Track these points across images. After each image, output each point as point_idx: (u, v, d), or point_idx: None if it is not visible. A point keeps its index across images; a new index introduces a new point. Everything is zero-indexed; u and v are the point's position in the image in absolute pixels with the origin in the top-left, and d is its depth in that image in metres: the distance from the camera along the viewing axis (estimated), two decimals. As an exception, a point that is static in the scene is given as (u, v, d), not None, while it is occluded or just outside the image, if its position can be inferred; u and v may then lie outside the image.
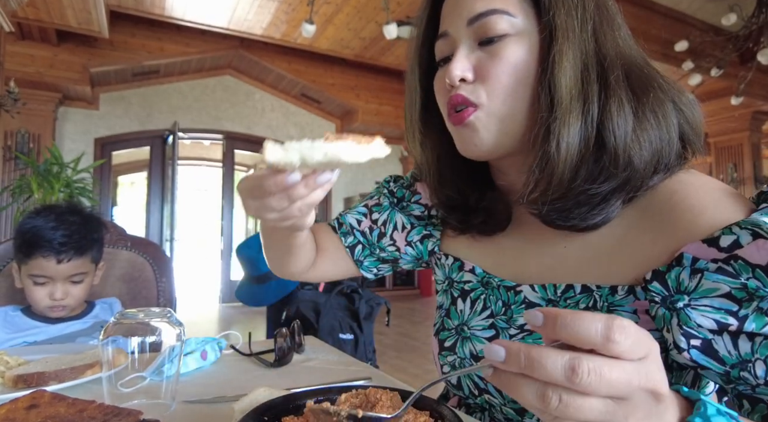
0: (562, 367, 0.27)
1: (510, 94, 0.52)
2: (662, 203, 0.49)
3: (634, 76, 0.50)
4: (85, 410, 0.47)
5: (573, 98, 0.49)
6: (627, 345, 0.27)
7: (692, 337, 0.42)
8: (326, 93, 6.35)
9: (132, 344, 0.57)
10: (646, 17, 4.87)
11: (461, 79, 0.53)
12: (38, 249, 0.99)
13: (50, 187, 3.77)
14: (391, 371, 3.25)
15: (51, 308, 1.03)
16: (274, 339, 0.79)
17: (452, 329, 0.63)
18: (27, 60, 4.70)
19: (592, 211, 0.50)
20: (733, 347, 0.40)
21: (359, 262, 0.75)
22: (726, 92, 5.81)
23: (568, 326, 0.28)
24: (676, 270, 0.43)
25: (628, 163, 0.48)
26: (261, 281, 2.13)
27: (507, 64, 0.51)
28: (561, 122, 0.48)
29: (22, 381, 0.63)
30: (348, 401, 0.43)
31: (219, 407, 0.57)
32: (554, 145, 0.49)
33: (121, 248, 1.28)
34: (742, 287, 0.40)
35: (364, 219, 0.75)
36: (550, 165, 0.49)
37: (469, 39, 0.54)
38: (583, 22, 0.50)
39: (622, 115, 0.48)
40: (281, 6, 4.56)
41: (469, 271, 0.64)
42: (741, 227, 0.41)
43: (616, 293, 0.49)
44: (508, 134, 0.53)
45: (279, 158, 0.41)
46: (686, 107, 0.52)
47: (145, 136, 5.89)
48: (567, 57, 0.49)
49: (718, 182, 0.49)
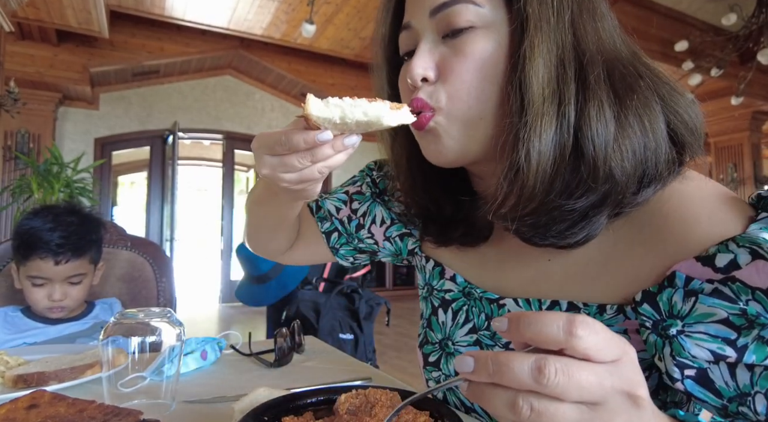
0: (529, 368, 0.26)
1: (475, 96, 0.46)
2: (652, 214, 0.44)
3: (618, 75, 0.44)
4: (85, 410, 0.47)
5: (546, 100, 0.43)
6: (592, 341, 0.26)
7: (686, 367, 0.38)
8: (326, 93, 6.30)
9: (132, 344, 0.57)
10: (646, 17, 4.87)
11: (423, 78, 0.48)
12: (36, 251, 0.98)
13: (50, 187, 3.77)
14: (391, 371, 3.25)
15: (50, 309, 1.02)
16: (274, 339, 0.79)
17: (436, 343, 0.61)
18: (27, 60, 4.70)
19: (572, 228, 0.44)
20: (730, 377, 0.37)
21: (335, 249, 0.72)
22: (726, 92, 5.81)
23: (531, 324, 0.27)
24: (668, 292, 0.40)
25: (608, 175, 0.42)
26: (261, 281, 2.13)
27: (472, 61, 0.46)
28: (531, 128, 0.42)
29: (22, 381, 0.63)
30: (348, 401, 0.43)
31: (219, 407, 0.57)
32: (523, 154, 0.43)
33: (121, 248, 1.28)
34: (741, 314, 0.36)
35: (343, 207, 0.71)
36: (519, 177, 0.44)
37: (432, 32, 0.48)
38: (559, 11, 0.44)
39: (603, 120, 0.42)
40: (281, 6, 4.56)
41: (449, 279, 0.61)
42: (738, 244, 0.37)
43: (604, 313, 0.46)
44: (475, 139, 0.48)
45: (321, 112, 0.41)
46: (682, 108, 0.46)
47: (145, 136, 5.89)
48: (540, 51, 0.43)
49: (712, 186, 0.44)
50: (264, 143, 0.44)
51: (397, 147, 0.59)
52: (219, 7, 4.60)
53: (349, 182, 0.74)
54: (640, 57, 0.47)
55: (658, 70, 0.47)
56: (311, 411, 0.45)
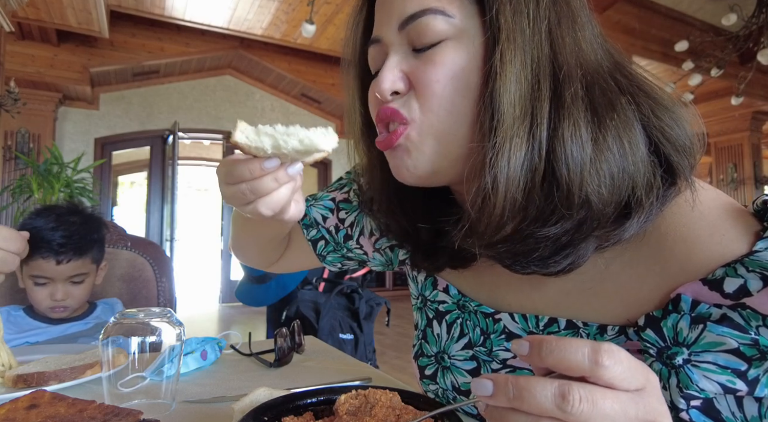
0: (552, 395, 0.25)
1: (447, 109, 0.43)
2: (650, 233, 0.41)
3: (598, 90, 0.41)
4: (85, 410, 0.47)
5: (516, 120, 0.39)
6: (618, 371, 0.25)
7: (692, 398, 0.37)
8: (326, 93, 6.35)
9: (132, 344, 0.57)
10: (647, 17, 4.87)
11: (393, 92, 0.45)
12: (37, 250, 0.98)
13: (50, 187, 3.77)
14: (391, 371, 3.25)
15: (52, 308, 1.02)
16: (274, 339, 0.79)
17: (432, 356, 0.59)
18: (27, 60, 4.70)
19: (554, 257, 0.41)
20: (737, 408, 0.36)
21: (321, 256, 0.69)
22: (726, 92, 5.81)
23: (555, 351, 0.26)
24: (674, 317, 0.38)
25: (584, 201, 0.39)
26: (261, 282, 2.13)
27: (443, 72, 0.42)
28: (500, 151, 0.39)
29: (22, 380, 0.63)
30: (348, 401, 0.43)
31: (219, 407, 0.57)
32: (490, 179, 0.39)
33: (122, 248, 1.28)
34: (753, 344, 0.34)
35: (330, 215, 0.67)
36: (487, 204, 0.40)
37: (402, 45, 0.46)
38: (535, 20, 0.41)
39: (578, 141, 0.39)
40: (281, 6, 4.56)
41: (443, 290, 0.58)
42: (748, 269, 0.35)
43: (605, 333, 0.44)
44: (446, 156, 0.45)
45: (249, 141, 0.38)
46: (668, 125, 0.41)
47: (145, 136, 5.89)
48: (512, 65, 0.40)
49: (713, 200, 0.41)
50: (220, 170, 0.43)
51: (373, 173, 0.55)
52: (219, 7, 4.60)
53: (336, 185, 0.70)
54: (623, 67, 0.44)
55: (644, 83, 0.43)
56: (311, 411, 0.45)
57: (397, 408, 0.42)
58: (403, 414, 0.41)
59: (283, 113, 6.75)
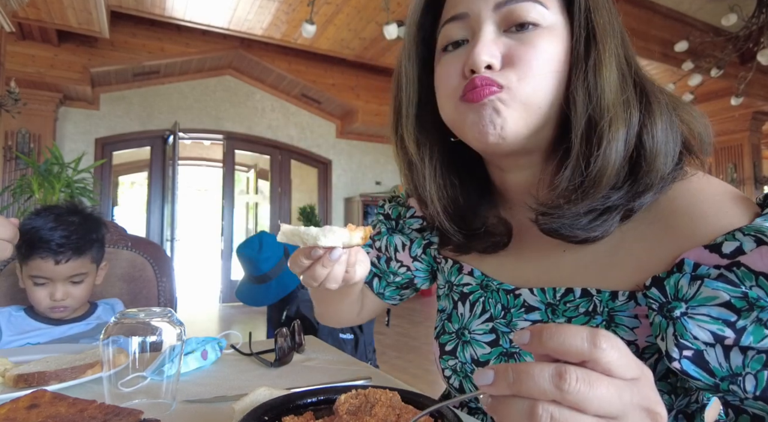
0: (549, 374, 0.26)
1: (542, 84, 0.47)
2: (662, 208, 0.47)
3: (649, 86, 0.49)
4: (85, 410, 0.47)
5: (618, 105, 0.47)
6: (614, 356, 0.26)
7: (685, 348, 0.41)
8: (326, 93, 6.35)
9: (133, 343, 0.57)
10: (647, 18, 4.87)
11: (487, 65, 0.47)
12: (36, 250, 0.98)
13: (51, 187, 3.77)
14: (391, 371, 3.25)
15: (52, 308, 1.02)
16: (275, 339, 0.79)
17: (453, 333, 0.62)
18: (28, 60, 4.70)
19: (595, 222, 0.48)
20: (724, 359, 0.39)
21: (381, 295, 0.75)
22: (726, 93, 5.81)
23: (554, 336, 0.27)
24: (676, 276, 0.43)
25: (654, 172, 0.47)
26: (261, 281, 2.13)
27: (541, 53, 0.47)
28: (612, 128, 0.46)
29: (22, 380, 0.63)
30: (348, 401, 0.43)
31: (219, 406, 0.58)
32: (602, 152, 0.46)
33: (122, 248, 1.28)
34: (743, 297, 0.38)
35: (371, 250, 0.74)
36: (597, 172, 0.46)
37: (493, 24, 0.49)
38: (614, 26, 0.49)
39: (657, 124, 0.47)
40: (281, 6, 4.56)
41: (468, 273, 0.63)
42: (744, 233, 0.40)
43: (616, 299, 0.48)
44: (528, 126, 0.48)
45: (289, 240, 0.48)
46: (689, 116, 0.50)
47: (145, 136, 5.89)
48: (610, 61, 0.47)
49: (721, 186, 0.47)
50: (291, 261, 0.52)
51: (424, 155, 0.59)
52: (219, 7, 4.60)
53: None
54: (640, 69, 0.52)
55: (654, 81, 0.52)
56: (311, 410, 0.45)
57: (397, 408, 0.42)
58: (403, 413, 0.41)
59: (283, 114, 6.75)
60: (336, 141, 7.11)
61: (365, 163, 7.27)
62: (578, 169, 0.47)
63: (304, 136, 6.90)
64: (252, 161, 7.49)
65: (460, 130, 0.52)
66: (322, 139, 7.02)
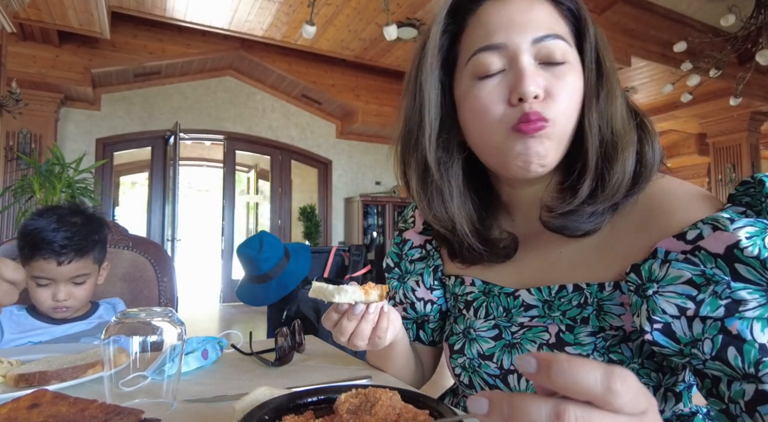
0: (547, 414, 0.24)
1: (569, 117, 0.54)
2: (642, 207, 0.55)
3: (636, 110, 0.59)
4: (86, 409, 0.47)
5: (626, 128, 0.55)
6: (628, 398, 0.24)
7: (656, 322, 0.47)
8: (327, 94, 6.35)
9: (133, 343, 0.57)
10: (645, 18, 4.87)
11: (535, 96, 0.53)
12: (39, 251, 0.98)
13: (52, 187, 3.77)
14: (392, 371, 3.24)
15: (54, 309, 1.02)
16: (275, 339, 0.79)
17: (459, 333, 0.67)
18: (29, 61, 4.70)
19: (598, 214, 0.55)
20: (688, 328, 0.46)
21: (434, 342, 0.77)
22: (724, 93, 5.81)
23: (565, 373, 0.25)
24: (650, 262, 0.49)
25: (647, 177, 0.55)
26: (262, 281, 2.13)
27: (570, 89, 0.54)
28: (624, 149, 0.54)
29: (23, 380, 0.63)
30: (348, 400, 0.43)
31: (220, 406, 0.58)
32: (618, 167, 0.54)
33: (123, 248, 1.28)
34: (701, 274, 0.45)
35: (398, 307, 0.77)
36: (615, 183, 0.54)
37: (531, 57, 0.54)
38: (612, 61, 0.57)
39: (652, 143, 0.56)
40: (282, 7, 4.56)
41: (469, 284, 0.68)
42: (704, 222, 0.47)
43: (603, 290, 0.54)
44: (561, 155, 0.56)
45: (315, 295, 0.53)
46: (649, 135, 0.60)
47: (146, 136, 5.90)
48: (616, 94, 0.55)
49: (689, 185, 0.55)
50: (324, 317, 0.59)
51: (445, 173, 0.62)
52: (220, 8, 4.61)
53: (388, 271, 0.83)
54: None
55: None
56: (312, 410, 0.45)
57: (398, 407, 0.42)
58: (403, 412, 0.42)
59: (283, 114, 6.76)
60: (336, 141, 7.11)
61: (365, 163, 7.27)
62: (597, 180, 0.55)
63: (305, 136, 6.91)
64: (252, 162, 7.50)
65: (500, 157, 0.56)
66: (323, 139, 7.03)
